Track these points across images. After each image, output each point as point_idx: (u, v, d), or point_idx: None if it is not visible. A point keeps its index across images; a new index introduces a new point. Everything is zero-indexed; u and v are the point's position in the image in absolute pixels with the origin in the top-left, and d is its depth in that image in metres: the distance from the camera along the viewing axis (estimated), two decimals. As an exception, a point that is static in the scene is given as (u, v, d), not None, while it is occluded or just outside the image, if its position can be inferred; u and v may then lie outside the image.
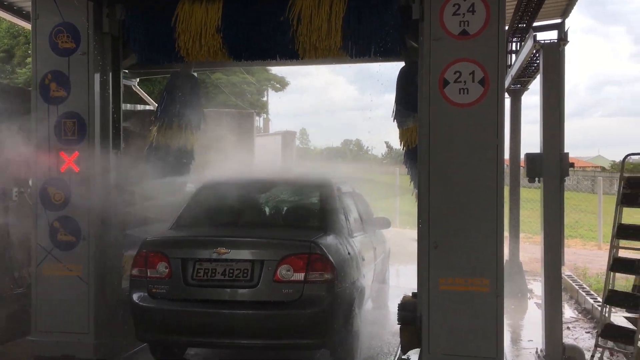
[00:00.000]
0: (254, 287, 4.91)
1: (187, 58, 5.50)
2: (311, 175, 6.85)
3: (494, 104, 4.74)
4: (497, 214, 4.74)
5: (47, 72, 5.56)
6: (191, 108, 6.78)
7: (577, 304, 8.59)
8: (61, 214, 5.54)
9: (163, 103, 6.75)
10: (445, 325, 4.83)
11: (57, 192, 5.55)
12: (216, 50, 5.37)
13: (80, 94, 5.52)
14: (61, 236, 5.54)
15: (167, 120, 6.67)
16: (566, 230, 17.34)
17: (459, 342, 4.81)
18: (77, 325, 5.48)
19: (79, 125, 5.52)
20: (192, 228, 5.68)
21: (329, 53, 5.16)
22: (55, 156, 5.54)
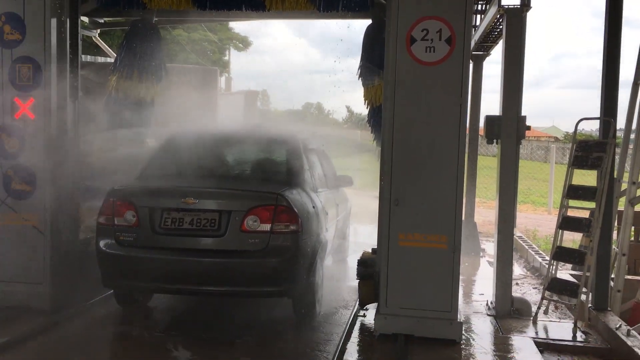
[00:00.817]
0: (221, 237, 4.97)
1: (149, 5, 5.35)
2: (277, 131, 6.89)
3: (459, 63, 4.77)
4: (458, 174, 4.82)
5: (0, 14, 5.30)
6: (151, 59, 6.61)
7: (527, 262, 8.97)
8: (15, 162, 5.38)
9: (122, 52, 6.56)
10: (403, 280, 4.94)
11: (11, 139, 5.37)
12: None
13: (36, 38, 5.30)
14: (15, 185, 5.39)
15: (126, 71, 6.50)
16: (519, 197, 17.87)
17: (415, 296, 4.94)
18: (32, 275, 5.38)
19: (34, 71, 5.32)
20: (160, 179, 5.64)
21: (297, 5, 5.08)
22: (10, 102, 5.34)
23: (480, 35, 8.28)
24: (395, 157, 4.88)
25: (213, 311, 5.99)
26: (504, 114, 5.31)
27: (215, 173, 5.81)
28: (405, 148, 4.86)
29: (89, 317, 5.56)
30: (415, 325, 4.89)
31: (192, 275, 5.02)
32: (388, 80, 4.91)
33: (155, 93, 6.75)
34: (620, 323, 5.33)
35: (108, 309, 5.72)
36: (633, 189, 6.04)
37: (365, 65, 6.01)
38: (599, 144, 5.66)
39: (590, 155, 5.61)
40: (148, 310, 5.91)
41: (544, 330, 5.53)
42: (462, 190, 4.85)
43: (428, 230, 4.87)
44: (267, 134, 6.68)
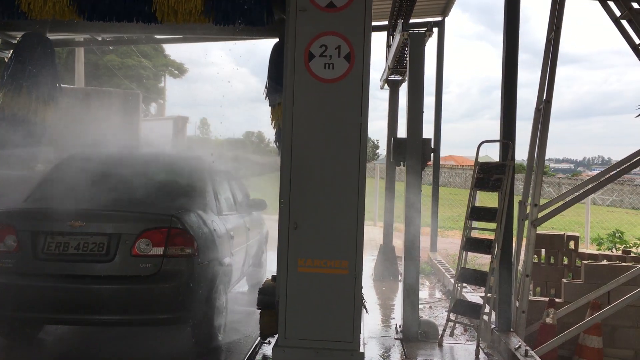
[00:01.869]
0: (110, 262, 4.75)
1: (30, 14, 4.92)
2: (182, 154, 6.66)
3: (359, 81, 4.59)
4: (359, 195, 4.60)
5: None
6: (44, 75, 6.15)
7: (443, 286, 9.02)
8: None
9: (11, 67, 6.07)
10: (303, 309, 4.64)
11: None
12: (63, 7, 4.84)
13: None
14: None
15: (14, 87, 6.01)
16: (448, 223, 18.23)
17: (316, 326, 4.64)
18: None
19: None
20: (47, 201, 5.26)
21: (190, 18, 4.80)
22: None
23: (392, 60, 8.28)
24: (294, 178, 4.62)
25: (109, 342, 5.56)
26: (408, 136, 5.21)
27: (108, 196, 5.46)
28: (303, 169, 4.61)
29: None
30: (314, 357, 4.58)
31: (78, 303, 4.73)
32: (287, 98, 4.67)
33: (47, 112, 6.27)
34: (519, 344, 5.28)
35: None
36: (535, 211, 6.06)
37: (270, 84, 5.81)
38: (499, 166, 5.69)
39: (491, 177, 5.63)
40: (34, 344, 5.40)
41: (449, 353, 5.44)
42: (363, 213, 4.62)
43: (328, 256, 4.61)
44: (170, 156, 6.51)
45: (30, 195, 5.40)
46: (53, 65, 6.30)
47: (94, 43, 8.23)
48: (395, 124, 9.65)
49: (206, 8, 4.75)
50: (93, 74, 26.07)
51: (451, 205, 21.93)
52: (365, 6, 4.56)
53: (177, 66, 34.31)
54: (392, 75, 9.37)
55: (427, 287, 9.03)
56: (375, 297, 8.27)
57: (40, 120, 6.20)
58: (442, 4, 10.54)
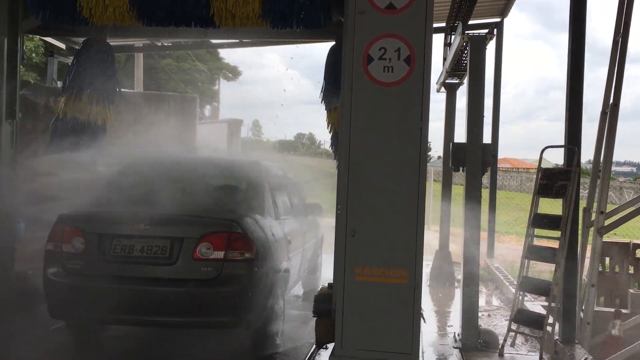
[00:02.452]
0: (172, 265, 4.80)
1: (92, 20, 4.99)
2: (240, 158, 6.73)
3: (419, 84, 4.45)
4: (419, 202, 4.46)
5: None
6: (104, 80, 6.25)
7: (501, 293, 8.75)
8: (-58, 188, 4.96)
9: (72, 72, 6.20)
10: (360, 318, 4.54)
11: (-61, 163, 4.96)
12: (123, 13, 4.89)
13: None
14: (-58, 213, 4.96)
15: (76, 91, 6.13)
16: (504, 227, 17.75)
17: (373, 336, 4.52)
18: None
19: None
20: (113, 204, 5.38)
21: (248, 21, 4.77)
22: (-62, 123, 4.95)
23: (450, 63, 8.08)
24: (352, 184, 4.52)
25: (170, 344, 5.64)
26: (468, 142, 5.05)
27: (171, 198, 5.48)
28: (361, 174, 4.50)
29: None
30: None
31: (141, 305, 4.81)
32: (344, 102, 4.57)
33: (107, 116, 6.38)
34: (585, 356, 5.02)
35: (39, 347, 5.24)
36: (601, 218, 5.78)
37: (327, 87, 5.73)
38: (564, 172, 5.47)
39: (555, 184, 5.41)
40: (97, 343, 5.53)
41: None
42: (423, 221, 4.48)
43: (387, 265, 4.48)
44: (229, 160, 6.59)
45: (96, 198, 5.51)
46: (113, 70, 6.40)
47: (154, 48, 8.39)
48: (452, 127, 9.44)
49: (264, 11, 4.71)
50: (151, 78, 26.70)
51: (507, 209, 21.35)
52: (426, 7, 4.42)
53: (231, 69, 34.80)
54: (449, 78, 9.17)
55: (484, 295, 8.78)
56: (431, 303, 8.11)
57: (100, 123, 6.30)
58: (502, 5, 10.24)
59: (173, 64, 29.92)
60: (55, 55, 7.81)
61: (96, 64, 6.18)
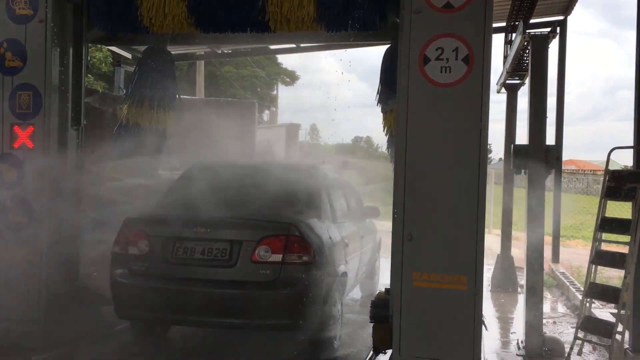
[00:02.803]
0: (232, 267, 4.88)
1: (152, 29, 5.10)
2: (298, 162, 6.81)
3: (478, 84, 4.32)
4: (479, 205, 4.32)
5: (2, 41, 5.17)
6: (164, 87, 6.40)
7: (567, 300, 8.45)
8: (13, 193, 5.16)
9: (134, 80, 6.37)
10: (418, 325, 4.43)
11: (10, 169, 5.18)
12: (181, 21, 4.98)
13: (37, 65, 5.14)
14: (13, 217, 5.17)
15: (137, 98, 6.30)
16: (570, 231, 17.12)
17: (432, 343, 4.41)
18: (27, 313, 5.11)
19: (34, 99, 5.14)
20: (175, 208, 5.55)
21: (303, 25, 4.76)
22: (9, 131, 5.16)
23: (511, 64, 7.84)
24: (408, 187, 4.43)
25: (230, 346, 5.72)
26: (530, 143, 4.88)
27: (230, 202, 5.62)
28: (418, 178, 4.41)
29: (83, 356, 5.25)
30: (431, 377, 4.36)
31: (201, 306, 4.89)
32: (400, 104, 4.49)
33: (167, 122, 6.52)
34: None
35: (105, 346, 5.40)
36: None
37: (382, 90, 5.65)
38: (633, 174, 5.21)
39: (624, 186, 5.16)
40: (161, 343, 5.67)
41: (576, 374, 4.98)
42: (483, 224, 4.34)
43: (445, 270, 4.36)
44: (286, 164, 6.71)
45: (160, 202, 5.67)
46: (173, 76, 6.54)
47: (214, 56, 8.56)
48: (513, 129, 9.17)
49: (318, 15, 4.69)
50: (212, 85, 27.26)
51: (572, 212, 20.57)
52: (485, 5, 4.28)
53: (289, 74, 35.11)
54: (510, 79, 8.92)
55: (549, 301, 8.48)
56: (493, 309, 7.91)
57: (160, 129, 6.44)
58: (565, 2, 9.87)
59: (233, 71, 30.47)
60: (121, 64, 8.07)
61: (157, 71, 6.33)
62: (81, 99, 5.46)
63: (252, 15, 4.82)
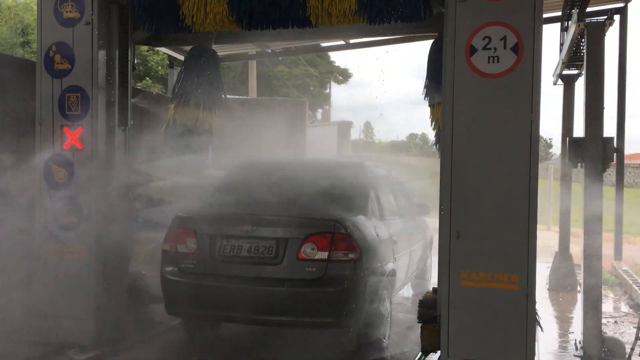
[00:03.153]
0: (278, 265, 4.91)
1: (193, 27, 5.09)
2: (345, 159, 6.74)
3: (529, 74, 4.12)
4: (530, 201, 4.12)
5: (51, 44, 5.27)
6: (209, 86, 6.41)
7: (630, 299, 8.10)
8: (64, 193, 5.27)
9: (180, 80, 6.41)
10: (467, 326, 4.28)
11: (61, 169, 5.27)
12: (222, 19, 4.94)
13: (84, 67, 5.21)
14: (64, 216, 5.27)
15: (184, 99, 6.33)
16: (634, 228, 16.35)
17: (482, 345, 4.24)
18: (78, 311, 5.20)
19: (82, 100, 5.22)
20: (222, 206, 5.60)
21: (344, 18, 4.65)
22: (59, 132, 5.27)
23: (566, 54, 7.49)
24: (455, 183, 4.27)
25: (276, 344, 5.73)
26: (586, 135, 4.64)
27: (277, 200, 5.65)
28: (465, 173, 4.24)
29: (132, 355, 5.30)
30: (481, 380, 4.18)
31: (248, 304, 4.90)
32: (446, 96, 4.34)
33: (214, 121, 6.54)
34: None
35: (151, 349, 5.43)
36: None
37: (430, 83, 5.48)
38: None
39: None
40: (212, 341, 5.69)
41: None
42: (535, 221, 4.13)
43: (495, 268, 4.18)
44: (333, 162, 6.70)
45: (207, 200, 5.72)
46: (218, 76, 6.54)
47: (264, 55, 8.56)
48: (571, 122, 8.79)
49: (359, 7, 4.56)
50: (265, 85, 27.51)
51: (638, 208, 19.66)
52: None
53: (342, 72, 35.11)
54: (566, 70, 8.54)
55: (611, 300, 8.11)
56: (551, 308, 7.66)
57: (207, 129, 6.46)
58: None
59: (285, 70, 30.72)
60: (174, 66, 8.15)
61: (202, 71, 6.34)
62: (128, 100, 5.52)
63: (293, 11, 4.74)
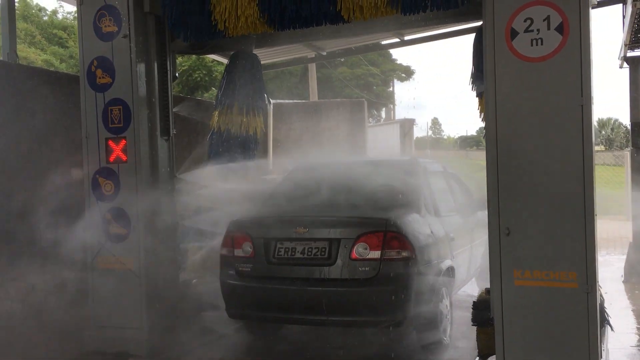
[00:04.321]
0: (331, 265, 4.93)
1: (227, 32, 5.05)
2: (398, 158, 6.64)
3: (576, 54, 3.82)
4: (585, 192, 3.81)
5: (93, 59, 5.36)
6: (252, 90, 6.36)
7: None
8: (112, 205, 5.33)
9: (223, 86, 6.39)
10: (524, 328, 4.01)
11: (107, 182, 5.35)
12: (254, 21, 4.87)
13: (125, 80, 5.26)
14: (113, 228, 5.33)
15: (227, 104, 6.32)
16: None
17: (541, 348, 3.97)
18: (130, 321, 5.26)
19: (124, 112, 5.27)
20: (276, 210, 5.64)
21: (377, 11, 4.47)
22: (104, 145, 5.34)
23: (627, 35, 7.01)
24: (502, 175, 4.01)
25: (333, 343, 5.73)
26: None
27: (330, 200, 5.65)
28: (512, 164, 3.98)
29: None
30: (541, 385, 3.90)
31: (304, 305, 4.98)
32: (488, 86, 4.09)
33: (258, 125, 6.48)
34: None
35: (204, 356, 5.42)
36: None
37: (475, 73, 5.22)
38: None
39: None
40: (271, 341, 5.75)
41: None
42: (593, 213, 3.81)
43: (550, 266, 3.90)
44: (386, 160, 6.63)
45: (262, 204, 5.78)
46: (260, 79, 6.49)
47: (321, 58, 8.50)
48: (639, 105, 8.23)
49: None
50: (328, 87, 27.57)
51: None
52: (578, -38, 3.77)
53: (404, 69, 34.80)
54: (630, 52, 8.00)
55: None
56: (627, 301, 7.28)
57: (251, 133, 6.42)
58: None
59: (347, 71, 30.74)
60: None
61: (244, 76, 6.30)
62: (169, 110, 5.54)
63: (324, 7, 4.61)
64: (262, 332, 5.87)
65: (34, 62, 19.80)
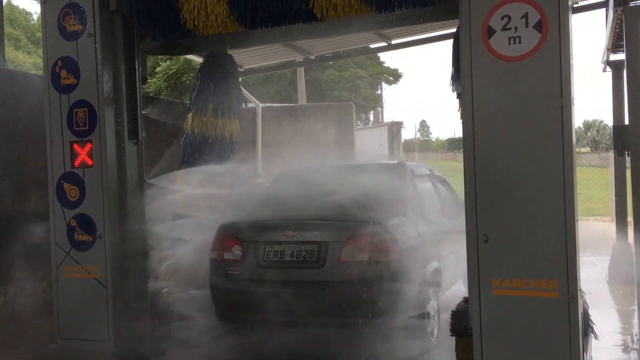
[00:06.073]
0: (320, 268, 4.98)
1: (197, 32, 4.85)
2: (385, 161, 6.58)
3: (556, 54, 3.67)
4: (566, 197, 3.66)
5: (57, 59, 5.13)
6: (226, 92, 6.16)
7: None
8: (77, 212, 5.11)
9: (196, 88, 6.18)
10: (503, 339, 3.85)
11: (72, 187, 5.12)
12: (224, 19, 4.68)
13: (90, 81, 5.04)
14: (78, 236, 5.11)
15: (201, 106, 6.11)
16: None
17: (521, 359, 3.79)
18: (97, 333, 5.03)
19: (90, 115, 5.05)
20: (264, 213, 5.57)
21: (351, 9, 4.30)
22: (69, 149, 5.12)
23: (609, 39, 6.95)
24: (480, 180, 3.85)
25: (320, 346, 5.69)
26: (630, 122, 4.21)
27: (317, 204, 5.53)
28: (490, 168, 3.82)
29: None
30: (520, 400, 3.74)
31: (293, 307, 4.94)
32: (464, 86, 3.93)
33: (233, 128, 6.28)
34: None
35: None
36: None
37: (454, 73, 5.06)
38: None
39: None
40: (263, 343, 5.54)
41: None
42: (573, 218, 3.66)
43: (531, 275, 3.74)
44: (373, 164, 6.67)
45: (250, 208, 5.70)
46: (235, 81, 6.30)
47: (310, 62, 8.34)
48: (622, 109, 8.20)
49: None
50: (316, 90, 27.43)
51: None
52: (556, -43, 3.62)
53: (392, 72, 34.81)
54: (612, 55, 7.96)
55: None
56: (612, 302, 7.30)
57: (227, 137, 6.22)
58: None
59: (335, 74, 30.67)
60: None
61: (219, 77, 6.10)
62: (138, 112, 5.32)
63: (296, 5, 4.43)
64: (250, 335, 5.73)
65: (22, 66, 19.50)
